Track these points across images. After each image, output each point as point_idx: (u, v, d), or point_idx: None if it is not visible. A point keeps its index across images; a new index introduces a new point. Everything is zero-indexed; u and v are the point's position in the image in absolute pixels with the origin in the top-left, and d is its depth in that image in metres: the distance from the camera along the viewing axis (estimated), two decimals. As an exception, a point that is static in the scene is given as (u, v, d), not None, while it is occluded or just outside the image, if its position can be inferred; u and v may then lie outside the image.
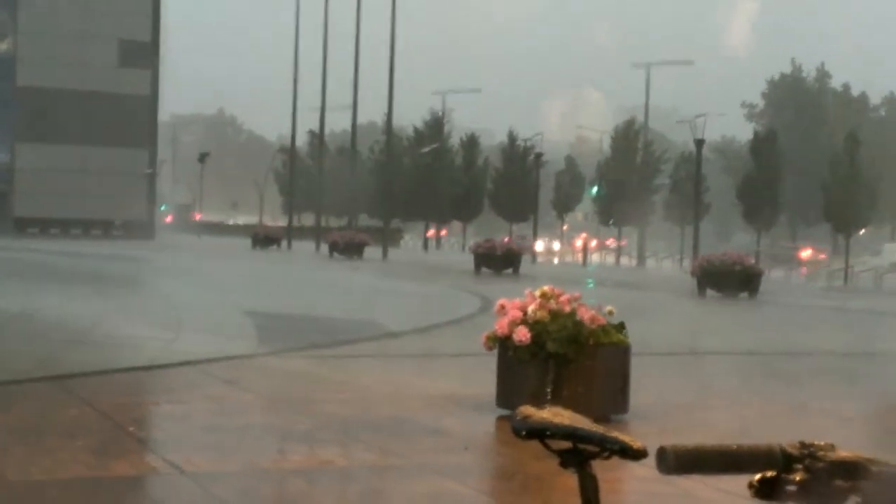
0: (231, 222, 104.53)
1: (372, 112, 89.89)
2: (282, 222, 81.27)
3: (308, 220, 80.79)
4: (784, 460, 1.63)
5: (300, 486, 7.02)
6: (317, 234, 65.99)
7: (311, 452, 7.99)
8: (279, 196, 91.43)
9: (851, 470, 1.63)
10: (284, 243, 65.15)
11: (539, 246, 67.08)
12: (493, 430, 9.24)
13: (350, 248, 53.73)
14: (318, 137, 74.77)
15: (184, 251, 53.40)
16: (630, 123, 70.74)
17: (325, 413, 9.67)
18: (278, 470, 7.48)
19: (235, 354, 13.46)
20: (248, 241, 63.71)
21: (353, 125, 69.87)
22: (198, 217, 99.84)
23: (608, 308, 9.68)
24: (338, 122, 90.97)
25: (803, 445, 1.64)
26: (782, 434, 1.87)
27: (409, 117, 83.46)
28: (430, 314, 21.16)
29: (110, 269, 34.18)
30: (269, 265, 43.11)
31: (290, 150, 77.49)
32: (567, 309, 9.40)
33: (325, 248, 57.32)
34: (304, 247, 63.63)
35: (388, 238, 60.47)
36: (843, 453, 1.65)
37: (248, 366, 12.79)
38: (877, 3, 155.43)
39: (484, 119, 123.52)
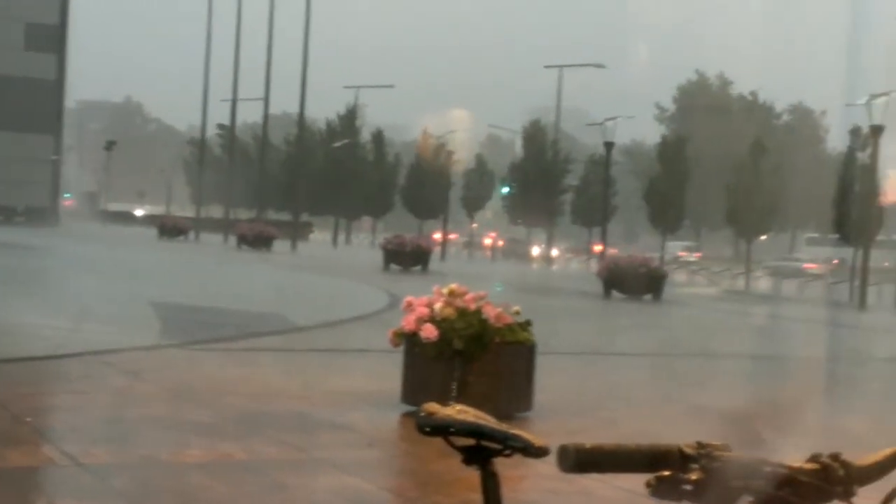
0: (138, 212, 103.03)
1: (285, 103, 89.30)
2: (190, 213, 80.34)
3: (217, 211, 79.98)
4: (681, 460, 1.66)
5: (200, 479, 6.95)
6: (225, 225, 65.35)
7: (212, 445, 7.92)
8: (187, 187, 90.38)
9: (745, 469, 1.67)
10: (192, 234, 64.41)
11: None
12: (397, 427, 9.25)
13: (258, 241, 53.33)
14: (228, 129, 74.08)
15: (88, 240, 52.46)
16: (536, 123, 71.19)
17: (228, 406, 9.59)
18: (178, 463, 7.40)
19: (138, 346, 13.27)
20: (154, 232, 62.85)
21: (265, 118, 69.39)
22: (105, 206, 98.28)
23: (514, 308, 9.75)
24: (250, 113, 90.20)
25: (700, 445, 1.67)
26: (680, 434, 1.90)
27: (324, 111, 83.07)
28: (338, 309, 21.10)
29: (10, 256, 33.45)
30: (176, 256, 42.57)
31: (199, 141, 76.61)
32: (473, 307, 9.45)
33: (233, 240, 56.81)
34: (212, 238, 62.99)
35: (297, 232, 60.15)
36: (738, 453, 1.68)
37: (152, 357, 12.63)
38: (784, 15, 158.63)
39: (398, 115, 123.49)
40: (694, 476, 1.63)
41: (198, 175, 76.33)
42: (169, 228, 63.26)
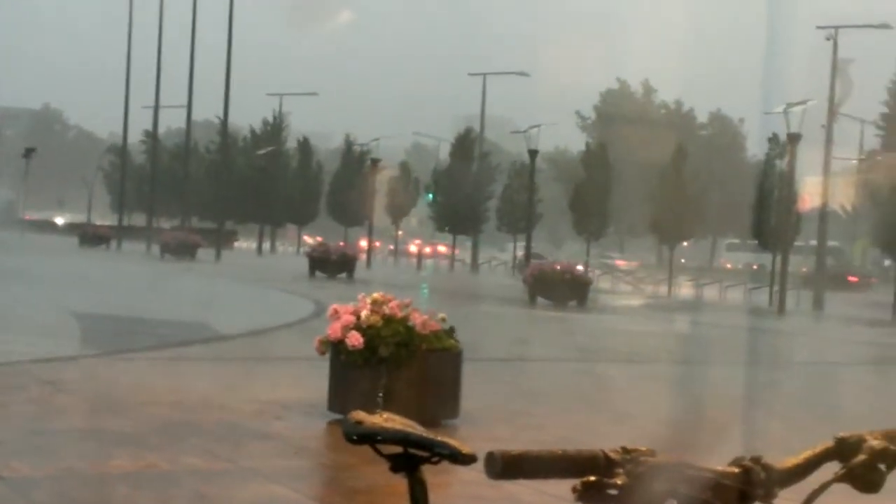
0: (58, 220, 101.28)
1: (209, 110, 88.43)
2: (111, 222, 79.21)
3: (139, 220, 78.95)
4: (606, 465, 1.68)
5: (123, 491, 6.86)
6: (148, 234, 64.56)
7: (135, 456, 7.81)
8: (109, 195, 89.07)
9: (669, 473, 1.69)
10: (114, 243, 63.55)
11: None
12: (324, 435, 9.21)
13: (182, 250, 52.78)
14: (151, 135, 73.25)
15: (5, 248, 51.51)
16: (470, 131, 71.46)
17: (151, 416, 9.48)
18: (101, 474, 7.29)
19: (59, 356, 13.06)
20: (75, 241, 61.87)
21: (188, 125, 68.67)
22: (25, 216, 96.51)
23: (440, 315, 9.77)
24: (173, 120, 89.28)
25: (624, 450, 1.69)
26: (604, 440, 1.93)
27: (248, 118, 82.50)
28: (263, 317, 20.96)
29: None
30: (97, 265, 41.94)
31: (121, 148, 75.64)
32: (399, 314, 9.45)
33: (156, 248, 56.16)
34: (135, 247, 62.17)
35: (221, 240, 59.62)
36: (662, 458, 1.71)
37: (72, 367, 12.43)
38: (703, 23, 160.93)
39: (322, 123, 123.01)
40: (619, 481, 1.65)
41: (119, 183, 75.35)
42: (90, 237, 62.31)
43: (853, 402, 13.27)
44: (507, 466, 1.68)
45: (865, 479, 1.82)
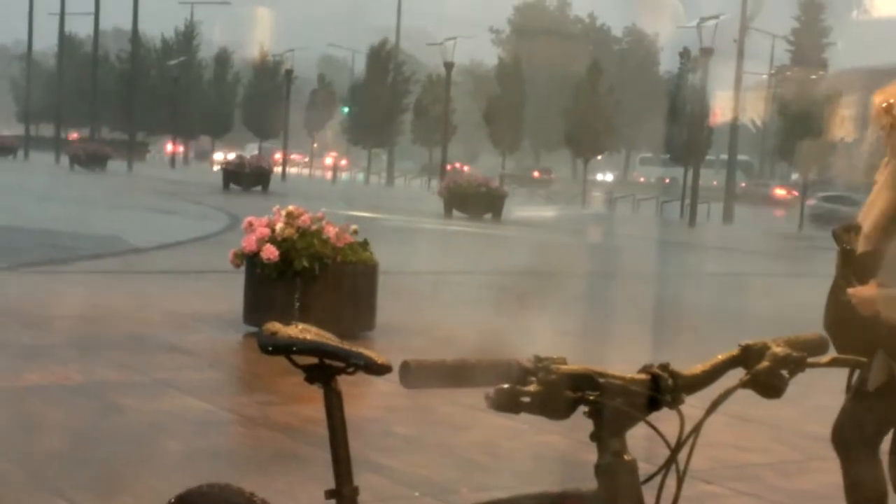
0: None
1: (119, 19, 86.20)
2: (18, 132, 77.29)
3: (47, 130, 77.16)
4: (519, 373, 1.71)
5: (35, 404, 6.80)
6: (56, 144, 63.21)
7: (46, 370, 7.74)
8: (16, 105, 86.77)
9: (580, 381, 1.73)
10: (20, 153, 62.13)
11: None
12: (239, 348, 9.21)
13: (92, 161, 51.82)
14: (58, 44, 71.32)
15: None
16: (385, 43, 70.69)
17: (63, 330, 9.38)
18: (11, 388, 7.21)
19: (-34, 269, 12.82)
20: (-22, 151, 60.36)
21: (95, 32, 67.00)
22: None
23: (353, 227, 9.77)
24: (82, 27, 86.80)
25: (537, 359, 1.73)
26: (518, 349, 1.96)
27: (159, 27, 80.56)
28: (176, 230, 20.74)
29: None
30: (2, 176, 41.00)
31: (26, 56, 73.56)
32: (314, 227, 9.43)
33: (65, 160, 55.06)
34: (43, 158, 60.88)
35: (133, 151, 58.63)
36: (574, 366, 1.74)
37: (-20, 281, 12.21)
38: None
39: (235, 33, 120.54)
40: (531, 388, 1.69)
41: (25, 91, 73.42)
42: (-5, 147, 60.84)
43: (757, 311, 13.59)
44: (422, 375, 1.70)
45: (768, 385, 1.88)
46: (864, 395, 3.99)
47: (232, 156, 49.65)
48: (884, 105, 3.91)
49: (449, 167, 54.53)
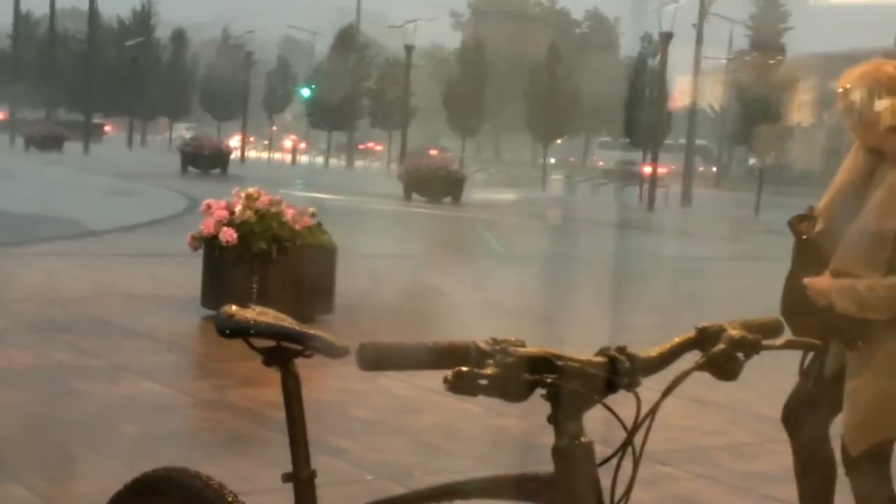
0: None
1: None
2: (-29, 112, 76.34)
3: (0, 111, 76.21)
4: (477, 355, 1.71)
5: (-9, 389, 6.74)
6: (10, 126, 62.47)
7: (1, 353, 7.66)
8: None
9: (538, 364, 1.74)
10: (-26, 135, 61.38)
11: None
12: (197, 331, 9.16)
13: (48, 143, 51.28)
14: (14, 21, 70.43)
15: None
16: (352, 26, 70.37)
17: (18, 313, 9.29)
18: (-33, 372, 7.14)
19: (-81, 251, 12.66)
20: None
21: (52, 11, 66.25)
22: None
23: (311, 209, 9.74)
24: (38, 6, 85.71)
25: (495, 342, 1.73)
26: (476, 332, 1.96)
27: (116, 7, 79.72)
28: (134, 213, 20.58)
29: None
30: (-43, 158, 40.50)
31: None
32: (273, 210, 9.39)
33: (20, 142, 54.44)
34: (-3, 139, 60.13)
35: (89, 133, 58.06)
36: (531, 349, 1.75)
37: (-66, 264, 12.07)
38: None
39: (194, 13, 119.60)
40: (489, 371, 1.69)
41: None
42: (-53, 129, 60.08)
43: (713, 294, 13.69)
44: (379, 358, 1.70)
45: (724, 367, 1.90)
46: (821, 380, 4.06)
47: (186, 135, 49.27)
48: (839, 90, 3.95)
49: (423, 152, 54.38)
